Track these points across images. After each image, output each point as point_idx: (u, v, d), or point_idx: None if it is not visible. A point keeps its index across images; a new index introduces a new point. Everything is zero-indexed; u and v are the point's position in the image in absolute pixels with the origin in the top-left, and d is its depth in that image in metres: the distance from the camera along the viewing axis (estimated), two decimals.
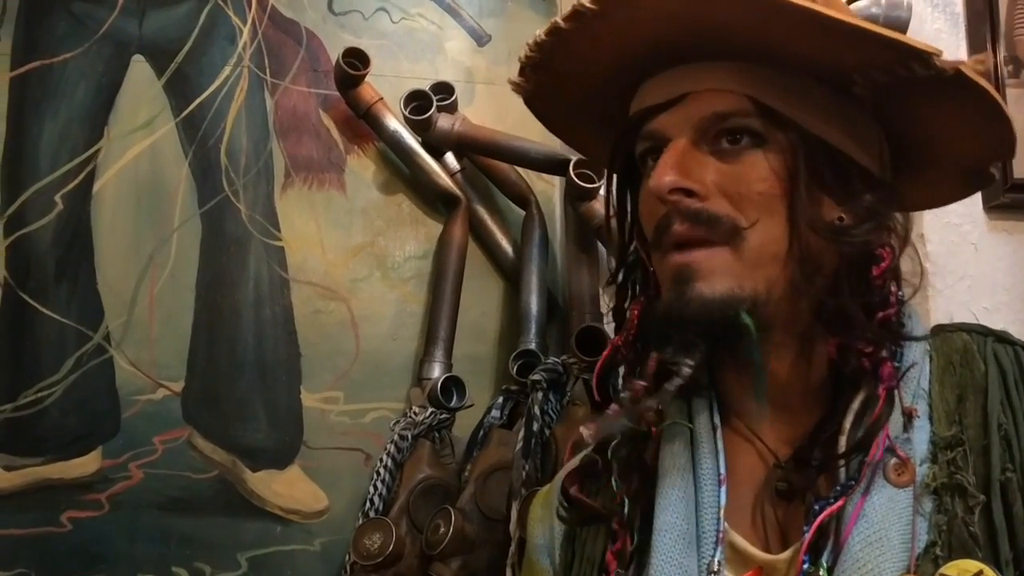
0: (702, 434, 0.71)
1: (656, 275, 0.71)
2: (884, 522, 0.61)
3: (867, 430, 0.64)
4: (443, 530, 1.14)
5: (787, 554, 0.65)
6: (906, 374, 0.67)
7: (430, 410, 1.31)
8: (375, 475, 1.27)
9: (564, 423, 1.23)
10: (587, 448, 0.78)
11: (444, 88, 1.50)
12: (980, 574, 0.58)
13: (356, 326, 1.46)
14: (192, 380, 1.40)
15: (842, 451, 0.64)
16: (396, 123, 1.47)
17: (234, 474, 1.38)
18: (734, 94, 0.66)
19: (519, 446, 1.20)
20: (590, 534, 0.75)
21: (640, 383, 0.68)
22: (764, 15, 0.61)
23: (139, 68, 1.48)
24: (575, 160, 1.36)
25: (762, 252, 0.65)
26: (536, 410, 1.23)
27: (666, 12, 0.65)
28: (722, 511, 0.67)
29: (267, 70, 1.51)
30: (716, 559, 0.65)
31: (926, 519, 0.62)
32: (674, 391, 0.66)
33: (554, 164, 1.42)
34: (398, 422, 1.31)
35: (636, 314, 0.74)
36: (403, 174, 1.52)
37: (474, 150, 1.50)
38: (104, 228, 1.42)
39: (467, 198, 1.48)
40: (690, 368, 0.66)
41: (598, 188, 1.36)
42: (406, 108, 1.44)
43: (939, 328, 0.73)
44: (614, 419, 0.68)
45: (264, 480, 1.39)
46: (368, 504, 1.25)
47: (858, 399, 0.65)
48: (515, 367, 1.34)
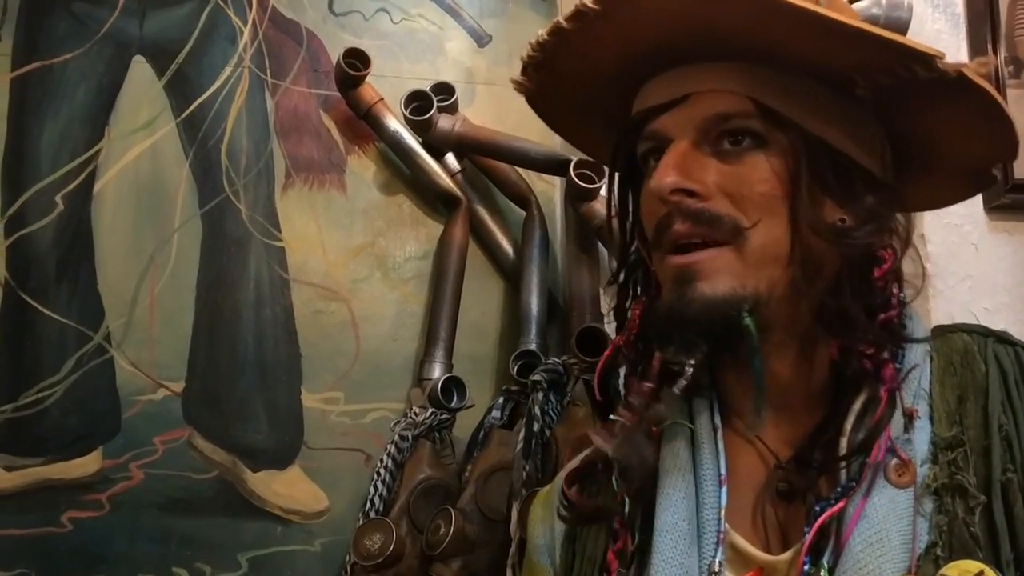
0: (703, 434, 0.71)
1: (657, 275, 0.72)
2: (885, 523, 0.61)
3: (869, 432, 0.64)
4: (443, 531, 1.14)
5: (788, 555, 0.65)
6: (907, 375, 0.67)
7: (430, 410, 1.31)
8: (375, 475, 1.27)
9: (564, 423, 1.23)
10: (587, 450, 0.78)
11: (444, 89, 1.50)
12: (981, 574, 0.58)
13: (356, 326, 1.46)
14: (192, 380, 1.40)
15: (843, 453, 0.64)
16: (396, 123, 1.47)
17: (234, 474, 1.38)
18: (736, 95, 0.66)
19: (519, 446, 1.20)
20: (591, 534, 0.75)
21: (648, 385, 0.68)
22: (765, 16, 0.61)
23: (140, 68, 1.48)
24: (575, 160, 1.36)
25: (764, 252, 0.65)
26: (536, 410, 1.23)
27: (667, 13, 0.65)
28: (723, 511, 0.67)
29: (268, 71, 1.51)
30: (717, 559, 0.65)
31: (927, 520, 0.62)
32: (680, 393, 0.66)
33: (554, 164, 1.42)
34: (398, 422, 1.31)
35: (638, 314, 0.74)
36: (404, 174, 1.52)
37: (474, 150, 1.50)
38: (105, 228, 1.42)
39: (467, 198, 1.48)
40: (692, 368, 0.66)
41: (598, 188, 1.36)
42: (407, 109, 1.44)
43: (939, 329, 0.73)
44: (634, 429, 0.69)
45: (264, 480, 1.39)
46: (368, 504, 1.25)
47: (859, 400, 0.65)
48: (515, 367, 1.34)
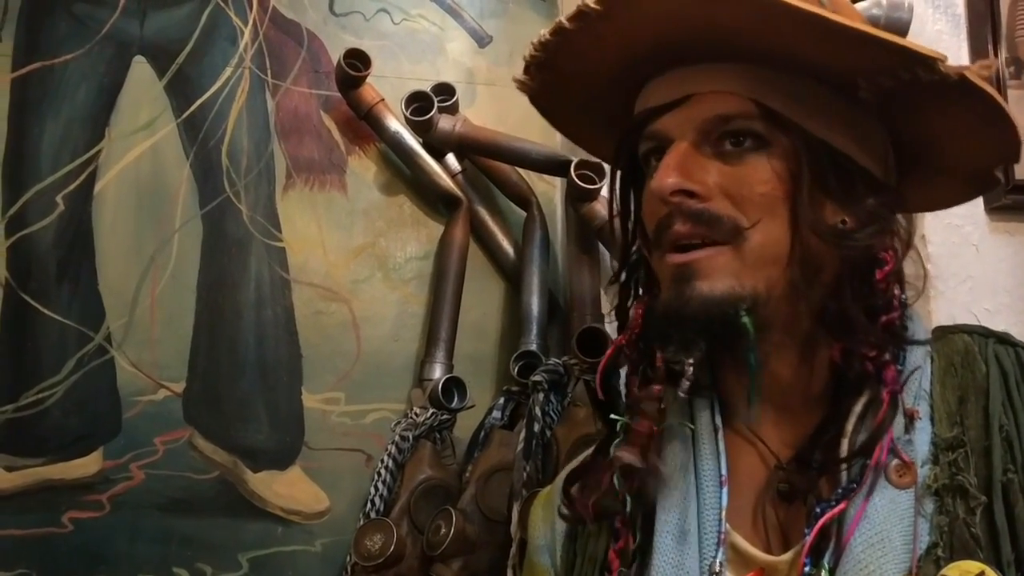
0: (703, 435, 0.71)
1: (657, 274, 0.72)
2: (886, 523, 0.61)
3: (871, 434, 0.64)
4: (444, 531, 1.14)
5: (788, 555, 0.65)
6: (909, 377, 0.67)
7: (431, 411, 1.31)
8: (376, 476, 1.27)
9: (565, 424, 1.23)
10: (589, 450, 0.78)
11: (445, 89, 1.50)
12: (982, 575, 0.58)
13: (357, 327, 1.46)
14: (193, 381, 1.40)
15: (844, 455, 0.64)
16: (397, 124, 1.47)
17: (235, 475, 1.38)
18: (738, 96, 0.66)
19: (520, 447, 1.20)
20: (592, 533, 0.75)
21: (657, 387, 0.68)
22: (765, 17, 0.61)
23: (140, 69, 1.48)
24: (576, 161, 1.36)
25: (763, 252, 0.65)
26: (537, 411, 1.23)
27: (668, 13, 0.64)
28: (724, 512, 0.67)
29: (268, 71, 1.51)
30: (718, 560, 0.65)
31: (928, 520, 0.62)
32: (685, 394, 0.67)
33: (555, 165, 1.42)
34: (399, 423, 1.31)
35: (640, 313, 0.74)
36: (404, 175, 1.52)
37: (475, 151, 1.50)
38: (105, 229, 1.42)
39: (468, 199, 1.48)
40: (692, 367, 0.66)
41: (599, 189, 1.36)
42: (407, 109, 1.44)
43: (940, 329, 0.73)
44: (652, 436, 0.69)
45: (265, 481, 1.39)
46: (369, 505, 1.25)
47: (860, 402, 0.65)
48: (516, 368, 1.34)
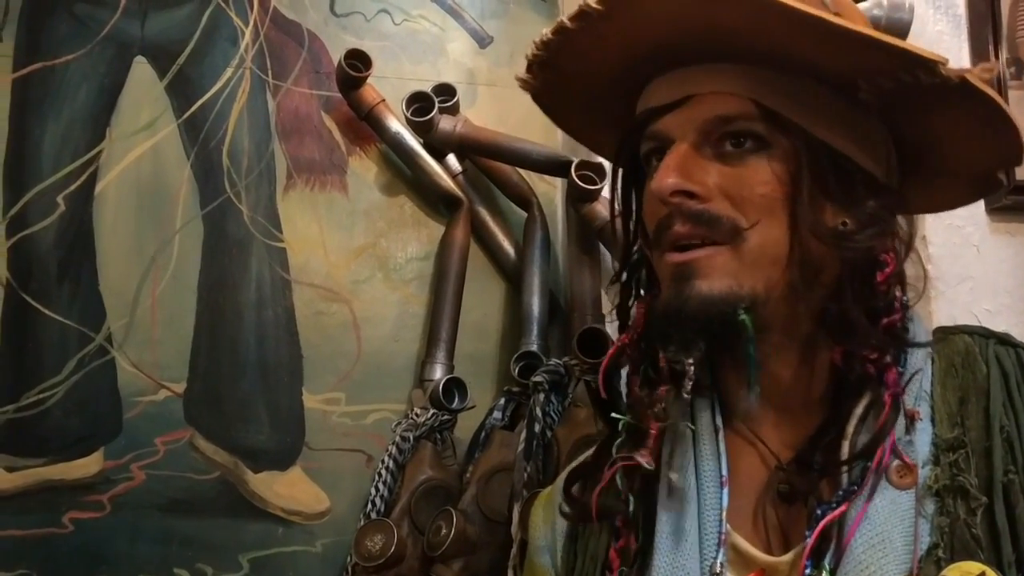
0: (704, 435, 0.71)
1: (657, 273, 0.72)
2: (887, 524, 0.61)
3: (873, 436, 0.64)
4: (445, 531, 1.14)
5: (789, 556, 0.65)
6: (911, 379, 0.67)
7: (432, 411, 1.31)
8: (377, 476, 1.27)
9: (566, 425, 1.23)
10: (590, 451, 0.78)
11: (446, 90, 1.50)
12: None
13: (358, 327, 1.46)
14: (194, 381, 1.40)
15: (845, 457, 0.64)
16: (398, 125, 1.47)
17: (236, 475, 1.38)
18: (738, 97, 0.66)
19: (521, 447, 1.20)
20: (593, 533, 0.75)
21: (664, 388, 0.68)
22: (765, 19, 0.61)
23: (141, 69, 1.48)
24: (577, 162, 1.36)
25: (762, 253, 0.65)
26: (538, 412, 1.23)
27: (670, 14, 0.65)
28: (724, 513, 0.67)
29: (269, 72, 1.51)
30: (718, 560, 0.65)
31: (928, 521, 0.62)
32: (688, 395, 0.67)
33: (556, 166, 1.42)
34: (400, 423, 1.31)
35: (642, 313, 0.74)
36: (405, 176, 1.52)
37: (476, 152, 1.50)
38: (106, 229, 1.42)
39: (469, 199, 1.48)
40: (692, 367, 0.66)
41: (600, 190, 1.36)
42: (408, 110, 1.44)
43: (941, 330, 0.73)
44: (658, 435, 0.69)
45: (266, 481, 1.39)
46: (370, 505, 1.25)
47: (861, 404, 0.65)
48: (517, 368, 1.34)
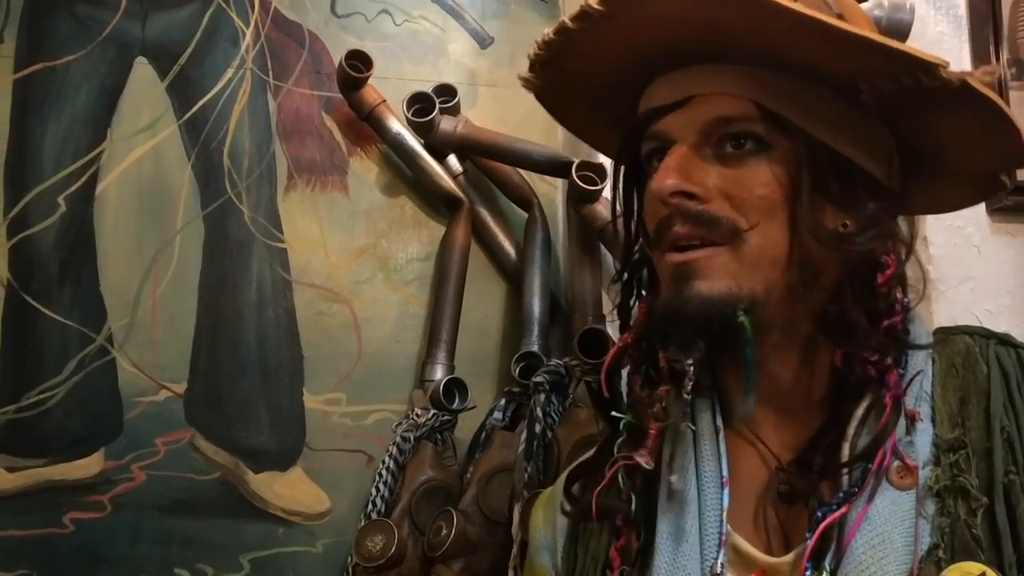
0: (704, 436, 0.71)
1: (657, 273, 0.72)
2: (887, 525, 0.61)
3: (874, 438, 0.64)
4: (445, 532, 1.14)
5: (790, 557, 0.65)
6: (911, 378, 0.67)
7: (432, 412, 1.31)
8: (377, 477, 1.27)
9: (566, 425, 1.23)
10: (591, 451, 0.78)
11: (447, 90, 1.50)
12: None
13: (358, 328, 1.46)
14: (194, 382, 1.40)
15: (846, 459, 0.64)
16: (399, 125, 1.47)
17: (236, 476, 1.38)
18: (739, 98, 0.66)
19: (521, 448, 1.20)
20: (594, 533, 0.75)
21: (665, 388, 0.69)
22: (765, 20, 0.61)
23: (142, 70, 1.48)
24: (578, 162, 1.36)
25: (761, 254, 0.65)
26: (538, 412, 1.23)
27: (670, 15, 0.65)
28: (725, 513, 0.67)
29: (270, 72, 1.51)
30: (719, 561, 0.65)
31: (929, 522, 0.62)
32: (688, 395, 0.67)
33: (557, 166, 1.42)
34: (400, 424, 1.31)
35: (643, 313, 0.74)
36: (406, 176, 1.52)
37: (477, 152, 1.50)
38: (107, 230, 1.42)
39: (470, 200, 1.48)
40: (692, 367, 0.66)
41: (601, 190, 1.36)
42: (409, 110, 1.44)
43: (941, 331, 0.73)
44: (659, 436, 0.69)
45: (266, 482, 1.39)
46: (370, 506, 1.25)
47: (862, 406, 0.65)
48: (517, 369, 1.34)
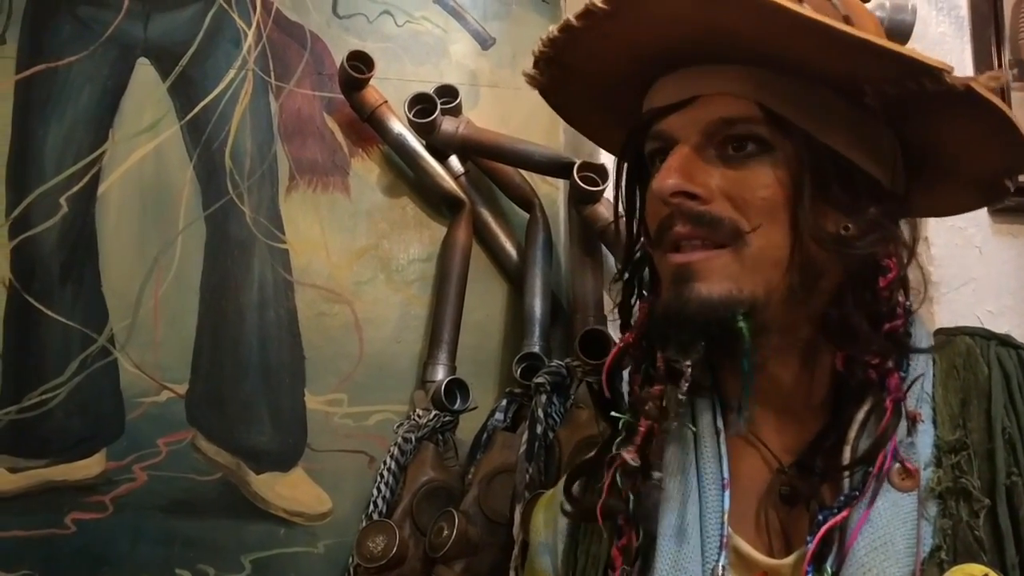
0: (705, 437, 0.71)
1: (658, 273, 0.72)
2: (889, 527, 0.61)
3: (874, 442, 0.64)
4: (446, 533, 1.14)
5: (791, 559, 0.65)
6: (912, 381, 0.67)
7: (434, 412, 1.31)
8: (379, 477, 1.27)
9: (568, 426, 1.23)
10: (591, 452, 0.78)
11: (448, 91, 1.50)
12: None
13: (360, 329, 1.46)
14: (196, 382, 1.40)
15: (847, 462, 0.64)
16: (400, 126, 1.47)
17: (238, 476, 1.38)
18: (743, 99, 0.66)
19: (523, 449, 1.20)
20: (595, 533, 0.75)
21: (658, 387, 0.68)
22: (765, 22, 0.61)
23: (144, 71, 1.48)
24: (579, 163, 1.36)
25: (763, 256, 0.65)
26: (540, 413, 1.23)
27: (673, 15, 0.65)
28: (725, 515, 0.67)
29: (272, 73, 1.51)
30: (720, 563, 0.65)
31: (931, 523, 0.62)
32: (685, 395, 0.67)
33: (558, 167, 1.42)
34: (402, 424, 1.31)
35: (644, 312, 0.74)
36: (407, 177, 1.52)
37: (478, 153, 1.50)
38: (109, 231, 1.42)
39: (471, 201, 1.48)
40: (691, 368, 0.66)
41: (602, 191, 1.35)
42: (410, 111, 1.44)
43: (942, 332, 0.73)
44: (652, 435, 0.69)
45: (268, 482, 1.39)
46: (372, 506, 1.25)
47: (863, 409, 0.65)
48: (519, 370, 1.34)
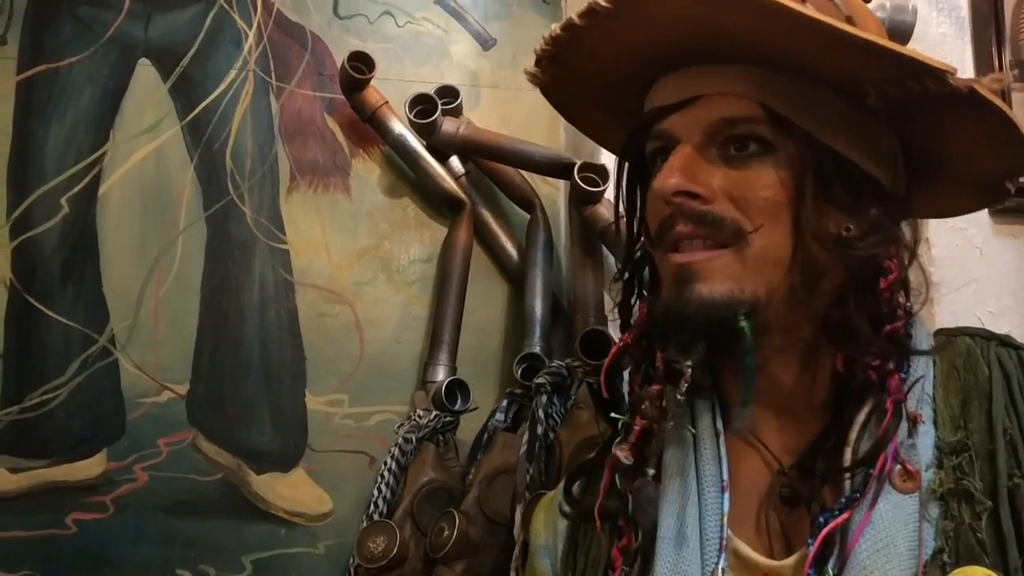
0: (705, 439, 0.71)
1: (659, 272, 0.72)
2: (891, 529, 0.61)
3: (875, 444, 0.64)
4: (447, 533, 1.14)
5: (792, 560, 0.65)
6: (912, 382, 0.67)
7: (434, 413, 1.31)
8: (379, 478, 1.27)
9: (568, 426, 1.23)
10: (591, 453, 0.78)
11: (449, 92, 1.50)
12: None
13: (361, 329, 1.46)
14: (197, 383, 1.40)
15: (847, 464, 0.64)
16: (401, 127, 1.47)
17: (239, 477, 1.38)
18: (745, 99, 0.66)
19: (523, 449, 1.20)
20: (595, 534, 0.75)
21: (656, 387, 0.68)
22: (767, 22, 0.61)
23: (145, 72, 1.48)
24: (580, 164, 1.36)
25: (764, 256, 0.65)
26: (540, 413, 1.23)
27: (675, 15, 0.65)
28: (725, 517, 0.66)
29: (272, 74, 1.51)
30: (720, 565, 0.65)
31: (933, 525, 0.61)
32: (683, 396, 0.66)
33: (559, 168, 1.42)
34: (402, 425, 1.31)
35: (645, 312, 0.74)
36: (408, 177, 1.52)
37: (479, 153, 1.49)
38: (110, 231, 1.42)
39: (472, 201, 1.48)
40: (691, 369, 0.66)
41: (603, 192, 1.35)
42: (411, 112, 1.44)
43: (942, 332, 0.73)
44: (648, 435, 0.69)
45: (269, 483, 1.39)
46: (372, 507, 1.24)
47: (864, 411, 0.65)
48: (519, 370, 1.34)
